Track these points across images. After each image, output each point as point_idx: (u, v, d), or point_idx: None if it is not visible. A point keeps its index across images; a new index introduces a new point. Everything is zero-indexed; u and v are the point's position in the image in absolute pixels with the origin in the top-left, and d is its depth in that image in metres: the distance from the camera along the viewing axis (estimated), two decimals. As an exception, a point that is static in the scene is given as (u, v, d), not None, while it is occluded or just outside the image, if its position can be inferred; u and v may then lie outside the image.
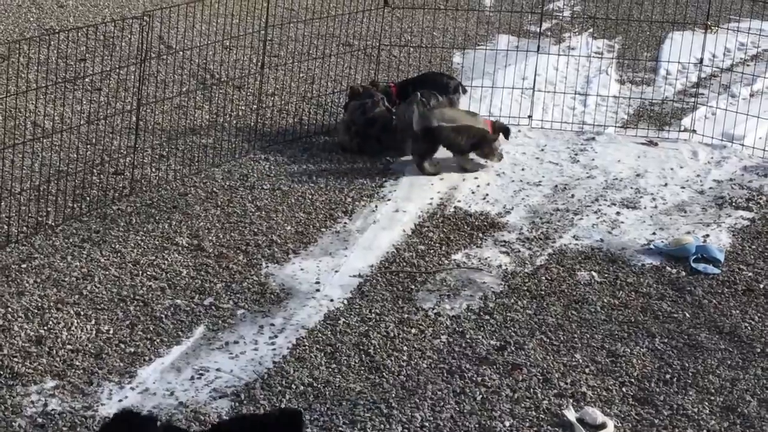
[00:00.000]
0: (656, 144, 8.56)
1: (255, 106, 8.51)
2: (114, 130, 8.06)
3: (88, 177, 7.32)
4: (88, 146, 7.78)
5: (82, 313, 5.80)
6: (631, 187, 7.75)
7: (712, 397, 5.38)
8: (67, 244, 6.50)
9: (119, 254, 6.41)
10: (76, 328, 5.66)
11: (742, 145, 8.48)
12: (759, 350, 5.79)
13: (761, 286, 6.45)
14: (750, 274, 6.59)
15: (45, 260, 6.30)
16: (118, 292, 6.02)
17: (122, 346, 5.55)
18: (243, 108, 8.72)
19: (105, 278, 6.15)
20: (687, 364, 5.64)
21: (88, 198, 7.08)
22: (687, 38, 9.62)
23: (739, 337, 5.91)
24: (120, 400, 5.13)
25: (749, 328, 6.00)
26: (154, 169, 7.53)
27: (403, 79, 8.86)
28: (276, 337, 5.71)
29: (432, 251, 6.70)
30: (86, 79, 8.90)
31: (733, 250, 6.88)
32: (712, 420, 5.21)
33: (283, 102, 8.84)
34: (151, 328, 5.72)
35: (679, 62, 9.80)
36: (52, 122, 8.08)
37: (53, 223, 6.72)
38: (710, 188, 7.81)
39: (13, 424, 4.93)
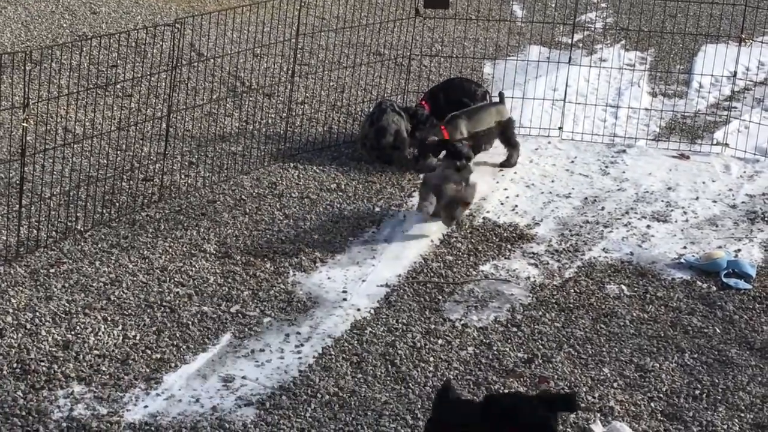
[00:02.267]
0: (688, 157, 8.49)
1: (285, 114, 8.51)
2: (144, 136, 8.09)
3: (117, 183, 7.34)
4: (118, 152, 7.81)
5: (109, 318, 5.81)
6: (662, 201, 7.69)
7: (742, 414, 5.31)
8: (96, 250, 6.52)
9: (147, 260, 6.42)
10: (103, 333, 5.67)
11: (775, 159, 8.39)
12: (790, 367, 5.71)
13: (793, 302, 6.38)
14: (782, 289, 6.51)
15: (73, 265, 6.32)
16: (145, 298, 6.03)
17: (148, 352, 5.55)
18: (273, 116, 8.73)
19: (133, 284, 6.16)
20: (717, 380, 5.57)
21: (117, 204, 7.10)
22: (720, 51, 9.54)
23: (771, 353, 5.83)
24: (146, 406, 5.13)
25: (781, 344, 5.92)
26: (183, 176, 7.55)
27: (431, 88, 8.82)
28: (302, 345, 5.69)
29: (460, 262, 6.66)
30: (117, 86, 8.94)
31: (765, 266, 6.80)
32: (742, 437, 5.14)
33: (312, 110, 8.85)
34: (178, 335, 5.72)
35: (712, 75, 9.72)
36: (83, 128, 8.12)
37: (82, 229, 6.75)
38: (742, 202, 7.73)
39: (40, 428, 4.94)
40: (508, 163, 8.08)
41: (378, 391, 5.33)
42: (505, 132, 8.08)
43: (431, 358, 5.63)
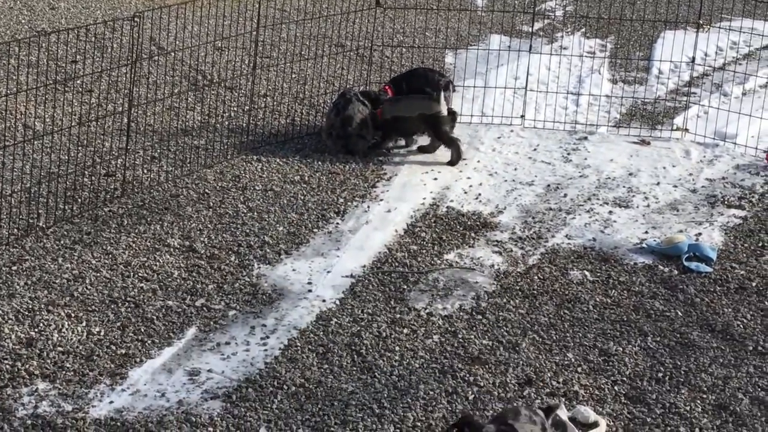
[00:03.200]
0: (649, 143, 8.56)
1: (247, 107, 8.49)
2: (105, 131, 8.05)
3: (79, 179, 7.30)
4: (80, 148, 7.77)
5: (73, 314, 5.79)
6: (624, 186, 7.75)
7: (705, 396, 5.37)
8: (58, 246, 6.48)
9: (110, 256, 6.40)
10: (66, 330, 5.64)
11: (735, 143, 8.48)
12: (751, 348, 5.78)
13: (753, 284, 6.45)
14: (742, 272, 6.59)
15: (36, 262, 6.28)
16: (109, 294, 6.00)
17: (113, 347, 5.54)
18: (235, 109, 8.71)
19: (96, 280, 6.13)
20: (679, 363, 5.63)
21: (79, 200, 7.06)
22: (679, 37, 9.62)
23: (732, 335, 5.90)
24: (111, 402, 5.12)
25: (741, 326, 5.99)
26: (145, 171, 7.52)
27: (394, 76, 8.83)
28: (268, 337, 5.70)
29: (424, 251, 6.69)
30: (77, 81, 8.88)
31: (725, 249, 6.88)
32: (704, 418, 5.20)
33: (275, 103, 8.83)
34: (143, 330, 5.70)
35: (671, 61, 9.80)
36: (44, 124, 8.07)
37: (44, 225, 6.71)
38: (703, 187, 7.81)
39: (5, 426, 4.91)
40: (449, 161, 7.98)
41: (344, 381, 5.35)
42: (433, 127, 7.95)
43: (397, 348, 5.65)
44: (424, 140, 8.22)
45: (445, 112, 7.93)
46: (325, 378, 5.37)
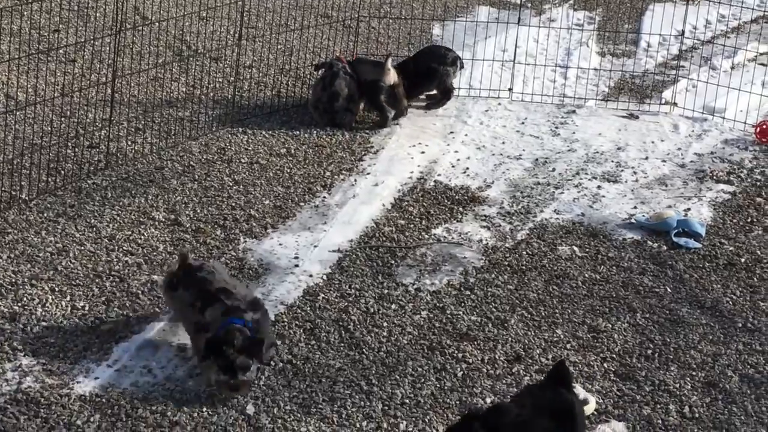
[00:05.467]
0: (637, 117, 8.51)
1: (232, 79, 8.39)
2: (89, 102, 7.94)
3: (62, 150, 7.20)
4: (63, 119, 7.66)
5: (57, 289, 5.71)
6: (612, 161, 7.70)
7: (694, 373, 5.36)
8: (42, 219, 6.40)
9: (95, 229, 6.32)
10: (50, 304, 5.57)
11: (723, 118, 8.44)
12: (740, 325, 5.76)
13: (742, 260, 6.43)
14: (731, 248, 6.56)
15: (19, 235, 6.20)
16: (93, 268, 5.93)
17: (98, 322, 5.47)
18: (220, 80, 8.61)
19: (80, 254, 6.05)
20: (668, 340, 5.61)
21: (62, 172, 6.96)
22: (668, 10, 9.54)
23: (721, 311, 5.88)
24: (96, 378, 5.06)
25: (731, 302, 5.97)
26: (129, 143, 7.42)
27: (402, 60, 8.68)
28: (254, 313, 5.64)
29: (412, 226, 6.64)
30: (60, 51, 8.75)
31: (714, 224, 6.85)
32: (694, 395, 5.18)
33: (260, 74, 8.73)
34: (128, 305, 5.64)
35: (660, 34, 9.74)
36: (26, 95, 7.95)
37: (27, 198, 6.61)
38: (691, 162, 7.77)
39: (-13, 402, 4.85)
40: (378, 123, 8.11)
41: (332, 357, 5.30)
42: (366, 93, 8.03)
43: (385, 323, 5.60)
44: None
45: (389, 82, 7.96)
46: (313, 354, 5.32)
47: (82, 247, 6.12)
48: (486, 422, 4.17)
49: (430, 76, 8.35)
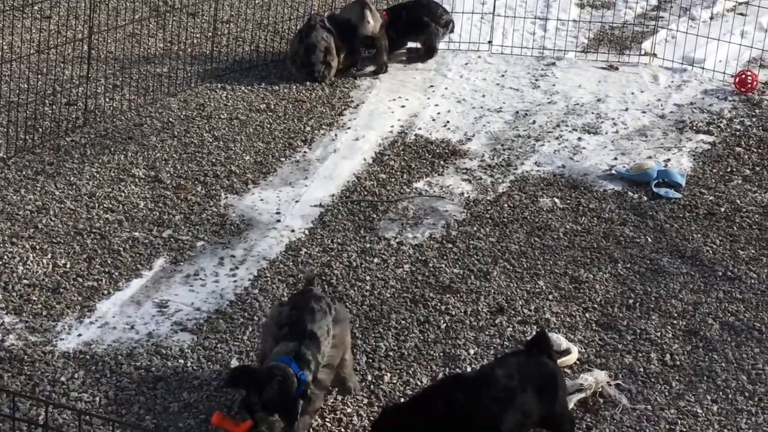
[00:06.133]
0: (617, 68, 8.50)
1: (210, 34, 8.32)
2: (65, 59, 7.86)
3: (39, 108, 7.14)
4: (39, 76, 7.58)
5: (37, 247, 5.69)
6: (592, 113, 7.70)
7: (675, 321, 5.40)
8: (20, 177, 6.35)
9: (74, 187, 6.28)
10: (32, 262, 5.55)
11: (703, 68, 8.44)
12: (720, 274, 5.80)
13: (722, 209, 6.46)
14: (711, 197, 6.59)
15: (-2, 194, 6.16)
16: (74, 225, 5.90)
17: (80, 280, 5.45)
18: (198, 36, 8.53)
19: (60, 211, 6.02)
20: (649, 289, 5.64)
21: (40, 129, 6.91)
22: (647, -39, 9.52)
23: (701, 261, 5.92)
24: (79, 335, 5.05)
25: (711, 251, 6.01)
26: (107, 99, 7.36)
27: (395, 4, 8.65)
28: (237, 268, 5.64)
29: (393, 180, 6.63)
30: (35, 7, 8.64)
31: (694, 174, 6.88)
32: (675, 344, 5.22)
33: (238, 29, 8.66)
34: (109, 262, 5.62)
35: (639, -15, 9.70)
36: (1, 52, 7.86)
37: (5, 156, 6.56)
38: (671, 112, 7.78)
39: (-30, 361, 4.84)
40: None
41: (315, 311, 5.30)
42: (345, 34, 8.03)
43: (367, 277, 5.61)
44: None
45: (366, 32, 8.00)
46: (296, 308, 5.32)
47: (62, 205, 6.09)
48: (468, 390, 4.19)
49: (420, 29, 8.32)
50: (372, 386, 4.82)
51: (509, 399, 4.17)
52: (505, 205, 6.39)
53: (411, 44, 8.50)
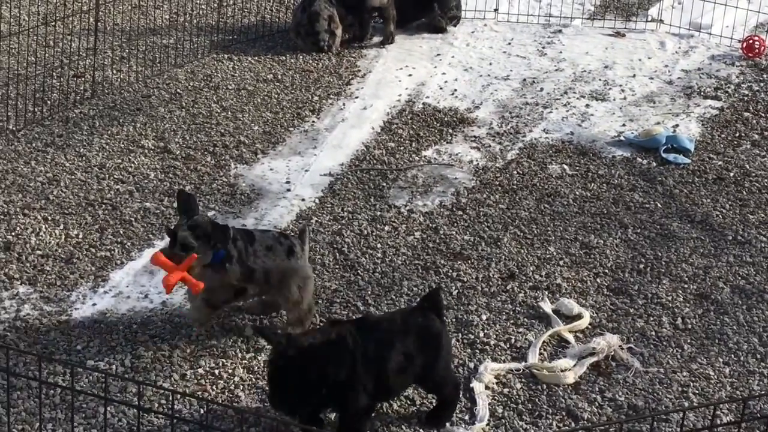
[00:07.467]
0: (624, 35, 8.49)
1: (216, 4, 8.31)
2: (72, 31, 7.85)
3: (47, 80, 7.14)
4: (46, 49, 7.58)
5: (49, 218, 5.71)
6: (600, 79, 7.70)
7: (685, 285, 5.42)
8: (30, 149, 6.37)
9: (84, 158, 6.29)
10: (44, 233, 5.57)
11: (710, 34, 8.43)
12: (730, 238, 5.82)
13: (731, 174, 6.47)
14: (720, 162, 6.60)
15: (8, 166, 6.17)
16: (85, 197, 5.92)
17: (93, 250, 5.48)
18: (203, 6, 8.52)
19: (71, 182, 6.04)
20: (660, 254, 5.66)
21: (48, 102, 6.91)
22: (653, -73, 9.47)
23: (711, 225, 5.93)
24: (94, 304, 5.08)
25: (720, 216, 6.02)
26: (115, 71, 7.36)
27: None
28: (248, 237, 5.65)
29: (402, 148, 6.64)
30: (40, -20, 8.63)
31: (702, 140, 6.88)
32: (686, 308, 5.25)
33: (244, 0, 8.64)
34: (121, 232, 5.64)
35: (644, -48, 9.66)
36: (8, 25, 7.85)
37: (14, 128, 6.57)
38: (678, 78, 7.77)
39: (-14, 331, 4.87)
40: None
41: (327, 279, 5.33)
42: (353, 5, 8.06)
43: (379, 245, 5.63)
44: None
45: (374, 3, 8.01)
46: (309, 276, 5.34)
47: (73, 176, 6.10)
48: (360, 327, 4.22)
49: (426, 11, 8.31)
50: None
51: (390, 341, 4.19)
52: (515, 172, 6.40)
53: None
